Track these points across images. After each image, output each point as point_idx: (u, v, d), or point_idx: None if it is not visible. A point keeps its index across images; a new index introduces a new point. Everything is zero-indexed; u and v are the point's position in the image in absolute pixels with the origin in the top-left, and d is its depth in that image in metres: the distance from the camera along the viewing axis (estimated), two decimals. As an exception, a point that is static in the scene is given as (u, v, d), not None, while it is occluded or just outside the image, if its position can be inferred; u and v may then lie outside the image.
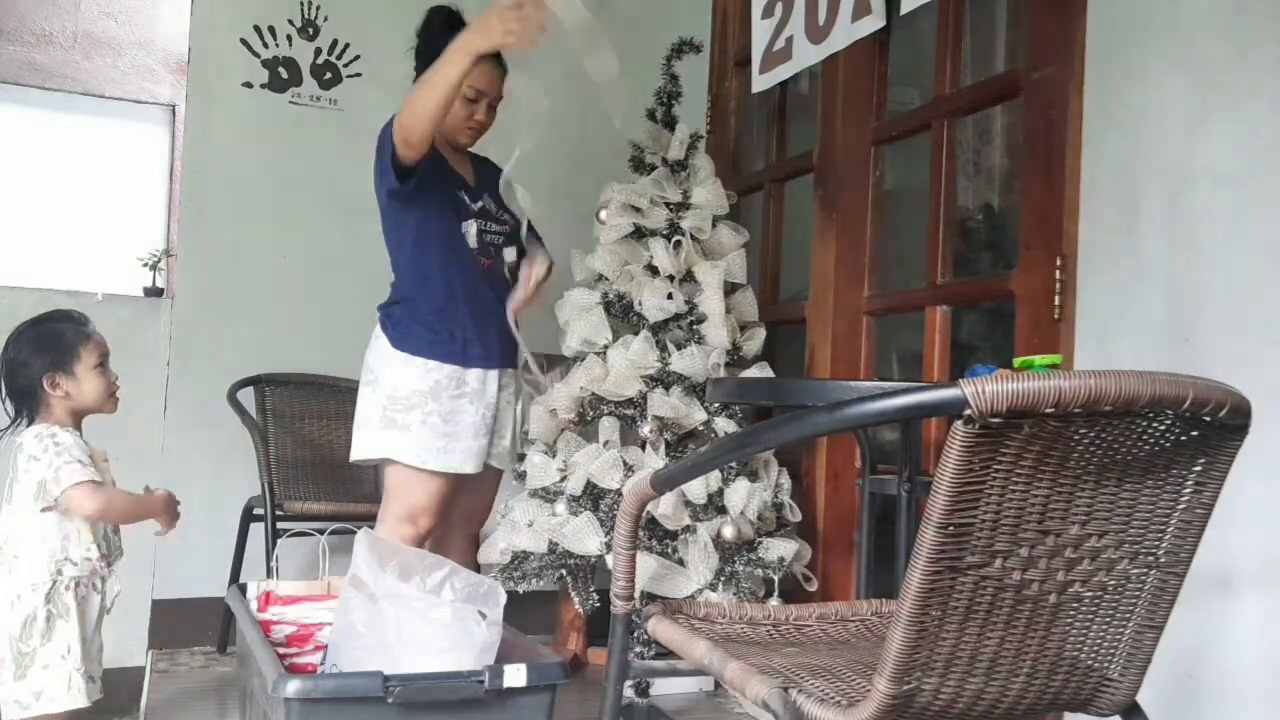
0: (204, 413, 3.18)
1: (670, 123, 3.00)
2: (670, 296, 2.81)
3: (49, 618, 1.98)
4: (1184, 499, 1.13)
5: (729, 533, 2.65)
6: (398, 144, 2.21)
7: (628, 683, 1.75)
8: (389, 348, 2.34)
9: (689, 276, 2.89)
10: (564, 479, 2.76)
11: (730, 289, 2.91)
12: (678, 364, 2.75)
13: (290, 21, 3.38)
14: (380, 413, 2.31)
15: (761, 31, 2.99)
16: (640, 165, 2.99)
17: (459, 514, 2.50)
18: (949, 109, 2.71)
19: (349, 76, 3.43)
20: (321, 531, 2.62)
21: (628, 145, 3.00)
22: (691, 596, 2.57)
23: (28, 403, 2.09)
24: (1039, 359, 1.59)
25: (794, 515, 2.82)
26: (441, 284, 2.36)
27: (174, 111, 4.92)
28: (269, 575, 2.56)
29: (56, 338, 2.10)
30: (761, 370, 2.89)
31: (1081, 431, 1.03)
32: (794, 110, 3.51)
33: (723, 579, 2.63)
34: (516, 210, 2.45)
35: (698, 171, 2.99)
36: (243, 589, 2.12)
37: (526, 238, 2.50)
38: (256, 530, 3.00)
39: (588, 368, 2.81)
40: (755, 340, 2.94)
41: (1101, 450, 1.06)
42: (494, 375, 2.41)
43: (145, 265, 3.78)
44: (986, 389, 0.95)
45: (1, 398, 2.11)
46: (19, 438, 2.06)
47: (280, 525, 2.85)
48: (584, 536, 2.64)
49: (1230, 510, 1.23)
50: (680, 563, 2.65)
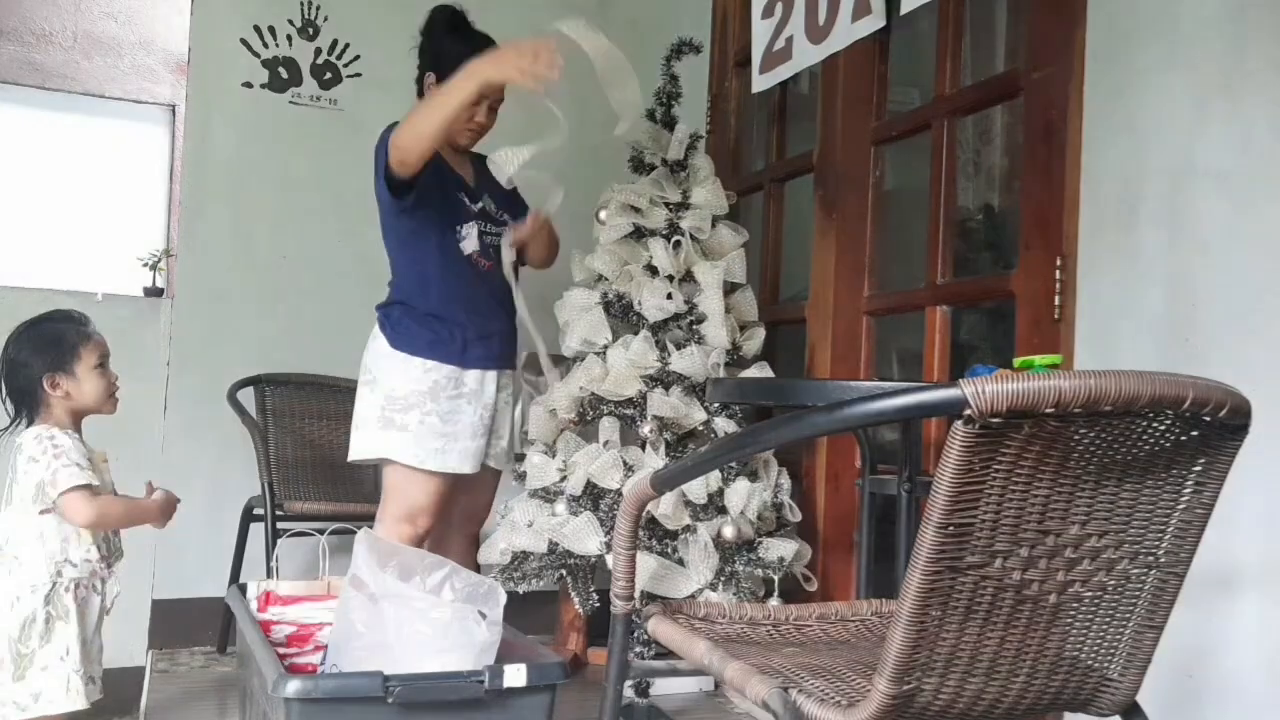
0: (204, 413, 3.18)
1: (670, 123, 3.00)
2: (670, 296, 2.80)
3: (48, 619, 1.98)
4: (1184, 499, 1.13)
5: (729, 533, 2.65)
6: (393, 162, 2.20)
7: (628, 683, 1.75)
8: (387, 348, 2.34)
9: (688, 276, 2.89)
10: (564, 479, 2.76)
11: (730, 289, 2.91)
12: (677, 364, 2.75)
13: (290, 21, 3.38)
14: (378, 413, 2.31)
15: (761, 31, 2.98)
16: (640, 165, 2.98)
17: (457, 514, 2.50)
18: (949, 109, 2.71)
19: (349, 76, 3.43)
20: (321, 531, 2.61)
21: (627, 145, 2.99)
22: (691, 596, 2.57)
23: (27, 403, 2.09)
24: (1039, 359, 1.59)
25: (794, 515, 2.82)
26: (440, 286, 2.36)
27: (174, 111, 4.92)
28: (269, 575, 2.56)
29: (57, 338, 2.10)
30: (761, 370, 2.89)
31: (1081, 431, 1.03)
32: (794, 110, 3.51)
33: (723, 579, 2.63)
34: (504, 180, 2.41)
35: (697, 171, 2.99)
36: (243, 589, 2.12)
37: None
38: (256, 530, 3.00)
39: (587, 368, 2.81)
40: (755, 340, 2.94)
41: (1101, 450, 1.06)
42: (492, 376, 2.41)
43: (145, 265, 3.79)
44: (986, 389, 0.95)
45: (1, 398, 2.11)
46: (19, 439, 2.06)
47: (280, 525, 2.85)
48: (584, 536, 2.64)
49: (1230, 510, 1.23)
50: (680, 563, 2.64)
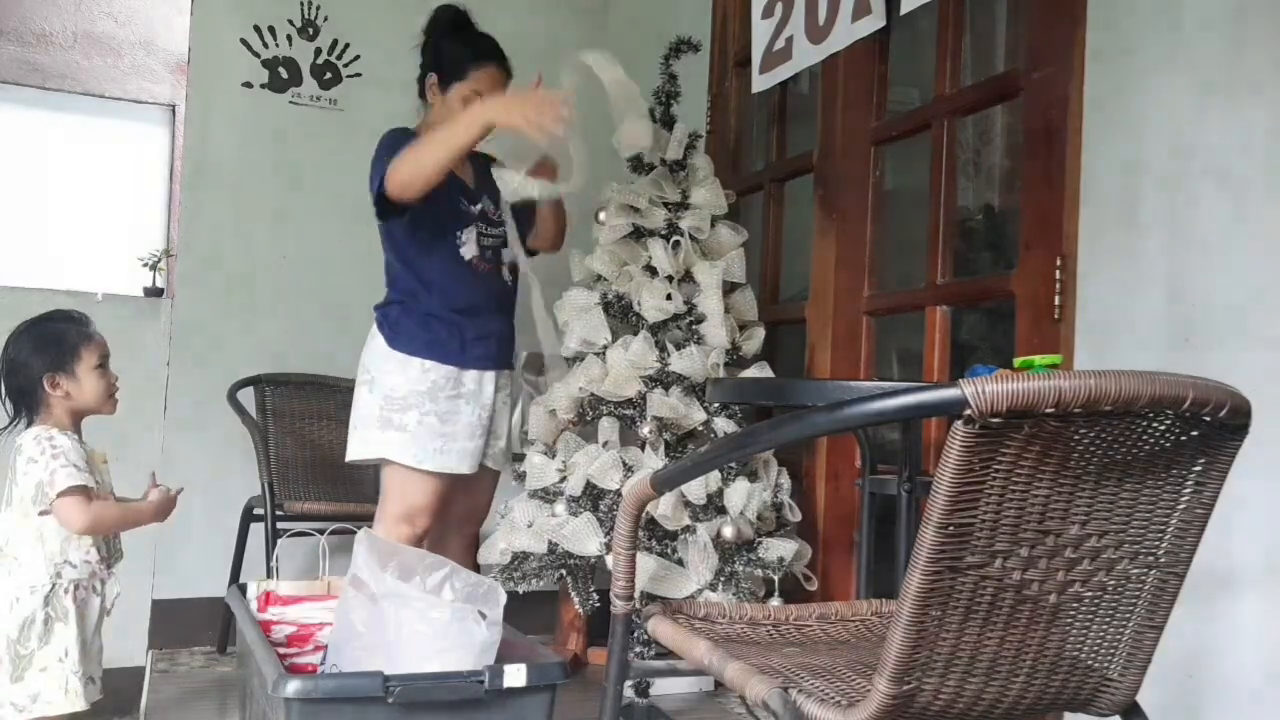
0: (204, 413, 3.18)
1: (669, 122, 3.00)
2: (669, 297, 2.80)
3: (47, 620, 1.98)
4: (1184, 499, 1.13)
5: (729, 533, 2.65)
6: (391, 188, 2.18)
7: (628, 683, 1.75)
8: (385, 348, 2.34)
9: (688, 276, 2.89)
10: (563, 479, 2.76)
11: (729, 289, 2.91)
12: (677, 364, 2.75)
13: (290, 21, 3.37)
14: (377, 413, 2.31)
15: (761, 31, 2.98)
16: (639, 165, 2.98)
17: (456, 515, 2.50)
18: (949, 109, 2.71)
19: (349, 76, 3.43)
20: (321, 531, 2.61)
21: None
22: (691, 596, 2.57)
23: (27, 403, 2.08)
24: (1039, 359, 1.59)
25: (794, 515, 2.82)
26: (439, 288, 2.36)
27: (174, 111, 4.93)
28: (269, 575, 2.55)
29: (57, 338, 2.09)
30: (761, 370, 2.89)
31: (1081, 432, 1.03)
32: (794, 110, 3.51)
33: (722, 579, 2.63)
34: (508, 195, 2.37)
35: (696, 171, 2.99)
36: (243, 589, 2.12)
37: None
38: (256, 530, 3.00)
39: (587, 368, 2.81)
40: (755, 340, 2.94)
41: (1101, 450, 1.06)
42: (490, 376, 2.41)
43: (145, 265, 3.79)
44: (986, 389, 0.95)
45: (1, 398, 2.11)
46: (18, 439, 2.06)
47: (280, 525, 2.85)
48: (584, 537, 2.64)
49: (1230, 510, 1.24)
50: (680, 563, 2.64)
